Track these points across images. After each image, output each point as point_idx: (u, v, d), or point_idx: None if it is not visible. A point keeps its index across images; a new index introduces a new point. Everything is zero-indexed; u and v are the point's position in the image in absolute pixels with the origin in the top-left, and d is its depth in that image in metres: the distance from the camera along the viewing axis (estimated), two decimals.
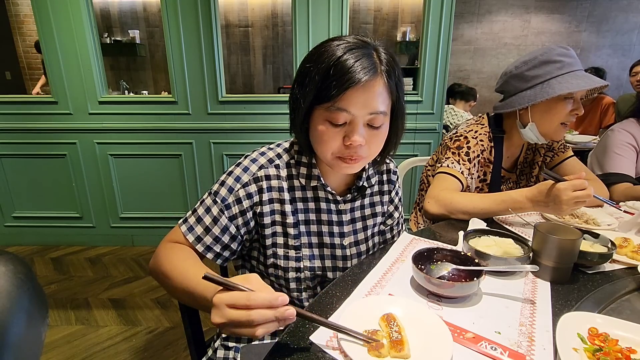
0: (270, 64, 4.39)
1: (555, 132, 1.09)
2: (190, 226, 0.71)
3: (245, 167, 0.72)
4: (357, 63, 0.60)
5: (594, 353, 0.49)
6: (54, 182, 2.45)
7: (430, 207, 1.03)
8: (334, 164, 0.69)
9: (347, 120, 0.64)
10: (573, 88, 0.99)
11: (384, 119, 0.66)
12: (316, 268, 0.77)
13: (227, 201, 0.70)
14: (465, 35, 4.94)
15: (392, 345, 0.48)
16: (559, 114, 1.05)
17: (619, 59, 4.92)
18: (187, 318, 0.82)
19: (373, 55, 0.63)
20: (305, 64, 0.66)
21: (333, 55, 0.62)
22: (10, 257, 0.29)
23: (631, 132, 1.33)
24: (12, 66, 4.56)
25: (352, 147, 0.65)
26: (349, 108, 0.62)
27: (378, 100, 0.63)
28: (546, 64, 1.04)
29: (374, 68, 0.62)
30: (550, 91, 1.01)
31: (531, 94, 1.06)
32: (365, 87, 0.61)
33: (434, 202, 1.03)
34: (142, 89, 4.37)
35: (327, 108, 0.63)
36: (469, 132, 1.16)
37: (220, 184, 0.72)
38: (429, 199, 1.05)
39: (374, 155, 0.71)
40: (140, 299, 1.97)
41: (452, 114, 3.12)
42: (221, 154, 2.39)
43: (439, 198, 1.02)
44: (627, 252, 0.80)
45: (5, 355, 0.26)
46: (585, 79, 1.01)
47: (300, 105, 0.66)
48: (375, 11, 4.22)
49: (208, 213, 0.70)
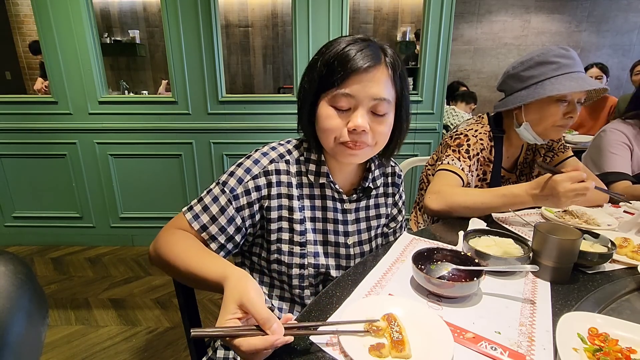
0: (270, 64, 4.39)
1: (550, 133, 1.08)
2: (195, 214, 0.69)
3: (256, 159, 0.72)
4: (361, 52, 0.64)
5: (594, 353, 0.49)
6: (54, 182, 2.45)
7: (431, 202, 1.02)
8: (337, 151, 0.69)
9: (351, 105, 0.65)
10: (563, 90, 0.98)
11: (388, 107, 0.67)
12: (320, 265, 0.77)
13: (235, 192, 0.70)
14: (465, 35, 4.94)
15: (393, 345, 0.48)
16: (552, 116, 1.04)
17: (619, 59, 4.92)
18: (187, 318, 0.82)
19: (378, 48, 0.66)
20: (314, 57, 0.69)
21: (339, 46, 0.65)
22: (10, 257, 0.29)
23: (622, 131, 1.34)
24: (12, 66, 4.56)
25: (355, 133, 0.65)
26: (352, 92, 0.64)
27: (381, 87, 0.65)
28: (541, 64, 1.03)
29: (377, 57, 0.65)
30: (541, 92, 1.01)
31: (525, 94, 1.06)
32: (369, 72, 0.63)
33: (434, 197, 1.02)
34: (142, 89, 4.37)
35: (332, 94, 0.65)
36: (469, 130, 1.16)
37: (229, 174, 0.72)
38: (430, 194, 1.04)
39: (379, 145, 0.71)
40: (140, 299, 1.97)
41: (453, 115, 3.13)
42: (221, 154, 2.39)
43: (440, 194, 1.01)
44: (627, 252, 0.80)
45: (5, 355, 0.26)
46: (580, 81, 0.99)
47: (308, 95, 0.68)
48: (375, 11, 4.23)
49: (215, 202, 0.69)
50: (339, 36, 0.70)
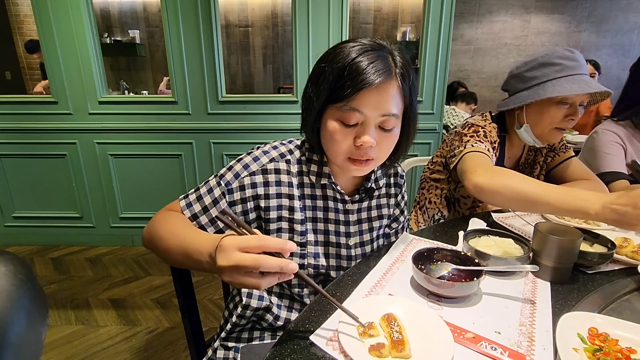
0: (270, 64, 4.39)
1: (548, 135, 1.07)
2: (189, 202, 0.70)
3: (256, 157, 0.72)
4: (372, 65, 0.61)
5: (594, 353, 0.49)
6: (54, 182, 2.45)
7: (477, 177, 0.88)
8: (344, 166, 0.69)
9: (359, 121, 0.64)
10: (564, 92, 0.97)
11: (396, 121, 0.66)
12: (320, 266, 0.77)
13: (230, 185, 0.70)
14: (465, 35, 4.94)
15: (393, 345, 0.48)
16: (552, 117, 1.04)
17: (619, 59, 4.92)
18: (187, 318, 0.82)
19: (388, 58, 0.64)
20: (321, 63, 0.66)
21: (348, 56, 0.62)
22: (10, 257, 0.29)
23: (614, 131, 1.33)
24: (12, 66, 4.56)
25: (362, 148, 0.65)
26: (362, 109, 0.62)
27: (391, 102, 0.64)
28: (545, 66, 1.03)
29: (388, 70, 0.62)
30: (541, 93, 1.00)
31: (526, 94, 1.05)
32: (379, 88, 0.62)
33: (481, 171, 0.89)
34: (142, 89, 4.36)
35: (340, 108, 0.63)
36: (479, 122, 1.14)
37: (227, 168, 0.72)
38: (474, 169, 0.91)
39: (384, 158, 0.71)
40: (140, 299, 1.96)
41: (453, 115, 3.13)
42: (221, 154, 2.39)
43: (489, 170, 0.89)
44: (627, 252, 0.80)
45: (5, 355, 0.26)
46: (582, 83, 0.98)
47: (313, 104, 0.66)
48: (375, 11, 4.22)
49: (210, 193, 0.70)
50: (347, 41, 0.66)
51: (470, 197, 1.20)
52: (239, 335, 0.79)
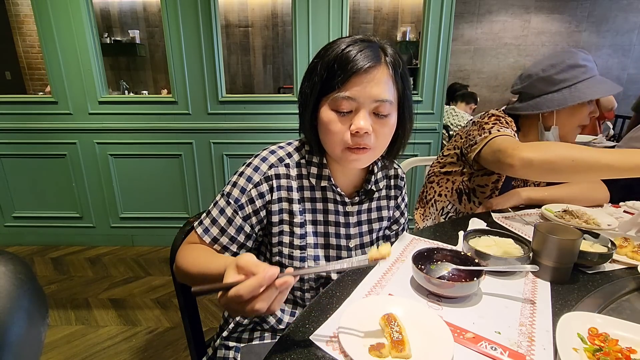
0: (270, 64, 4.39)
1: (573, 134, 1.11)
2: (205, 228, 0.71)
3: (256, 166, 0.72)
4: (361, 52, 0.63)
5: (594, 353, 0.49)
6: (54, 182, 2.45)
7: (523, 152, 0.87)
8: (342, 156, 0.68)
9: (352, 107, 0.65)
10: (602, 93, 1.01)
11: (391, 108, 0.66)
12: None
13: (240, 202, 0.70)
14: (465, 35, 4.94)
15: (393, 345, 0.48)
16: (581, 116, 1.07)
17: (619, 59, 4.93)
18: (187, 318, 0.82)
19: (377, 48, 0.65)
20: (313, 60, 0.68)
21: (338, 47, 0.65)
22: (10, 257, 0.29)
23: None
24: (12, 66, 4.56)
25: (358, 135, 0.65)
26: (353, 95, 0.63)
27: (383, 87, 0.64)
28: (573, 68, 1.04)
29: (377, 57, 0.64)
30: (581, 95, 1.02)
31: (559, 97, 1.05)
32: (369, 73, 0.63)
33: (525, 147, 0.87)
34: (142, 89, 4.37)
35: (333, 97, 0.64)
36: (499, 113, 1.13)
37: (232, 185, 0.72)
38: (514, 147, 0.90)
39: (381, 147, 0.71)
40: (140, 299, 1.97)
41: (453, 115, 3.13)
42: (221, 154, 2.39)
43: (531, 145, 0.87)
44: (627, 252, 0.80)
45: (5, 355, 0.26)
46: (609, 84, 1.03)
47: (308, 99, 0.67)
48: (375, 11, 4.22)
49: (222, 214, 0.71)
50: (338, 37, 0.69)
51: (488, 185, 1.17)
52: (240, 335, 0.79)
